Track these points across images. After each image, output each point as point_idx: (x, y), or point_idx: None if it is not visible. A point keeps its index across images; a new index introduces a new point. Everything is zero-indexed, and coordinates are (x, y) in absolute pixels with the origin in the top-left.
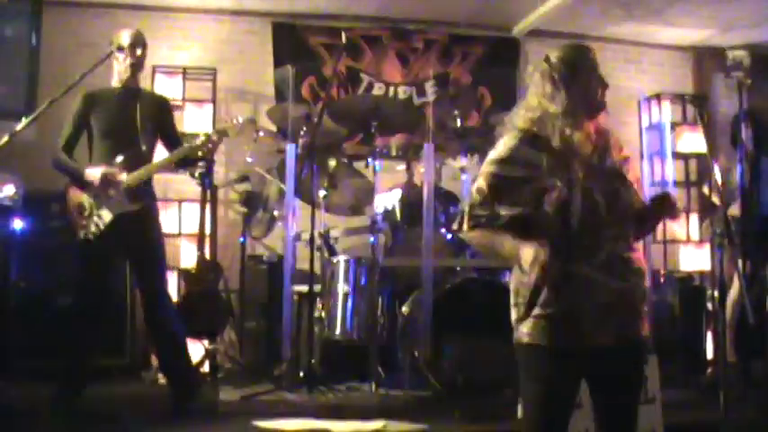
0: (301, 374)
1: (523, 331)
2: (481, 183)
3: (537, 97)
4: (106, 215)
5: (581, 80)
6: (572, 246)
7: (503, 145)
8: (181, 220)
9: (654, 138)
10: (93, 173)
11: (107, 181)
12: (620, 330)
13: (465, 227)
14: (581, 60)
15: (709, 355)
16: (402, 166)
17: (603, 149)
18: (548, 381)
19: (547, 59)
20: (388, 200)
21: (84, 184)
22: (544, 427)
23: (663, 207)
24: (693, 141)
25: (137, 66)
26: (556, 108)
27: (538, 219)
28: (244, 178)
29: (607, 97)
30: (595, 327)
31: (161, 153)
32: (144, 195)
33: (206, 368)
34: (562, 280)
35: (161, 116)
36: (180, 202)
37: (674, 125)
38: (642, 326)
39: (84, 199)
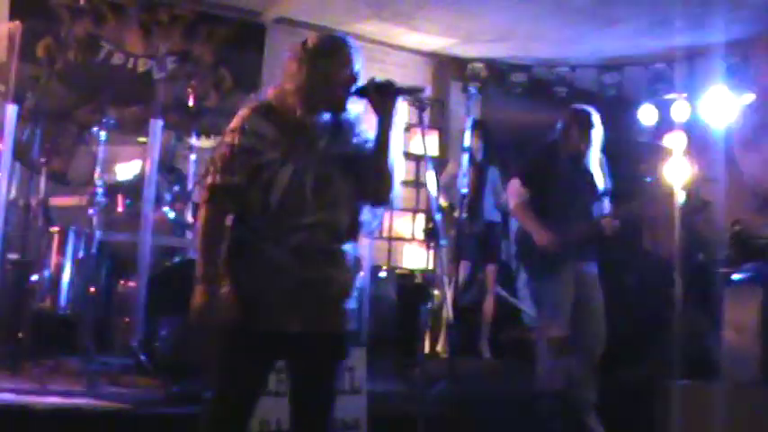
0: (8, 347)
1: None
2: (215, 154)
3: (282, 76)
4: None
5: (325, 68)
6: (267, 225)
7: (237, 116)
8: None
9: None
10: None
11: None
12: (311, 320)
13: (204, 197)
14: (333, 50)
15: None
16: (143, 139)
17: (337, 135)
18: (231, 362)
19: (303, 42)
20: (120, 172)
21: None
22: (224, 410)
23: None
24: (426, 144)
25: None
26: (292, 86)
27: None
28: None
29: None
30: (281, 312)
31: None
32: None
33: None
34: (251, 259)
35: None
36: None
37: (408, 126)
38: (340, 319)
39: None
